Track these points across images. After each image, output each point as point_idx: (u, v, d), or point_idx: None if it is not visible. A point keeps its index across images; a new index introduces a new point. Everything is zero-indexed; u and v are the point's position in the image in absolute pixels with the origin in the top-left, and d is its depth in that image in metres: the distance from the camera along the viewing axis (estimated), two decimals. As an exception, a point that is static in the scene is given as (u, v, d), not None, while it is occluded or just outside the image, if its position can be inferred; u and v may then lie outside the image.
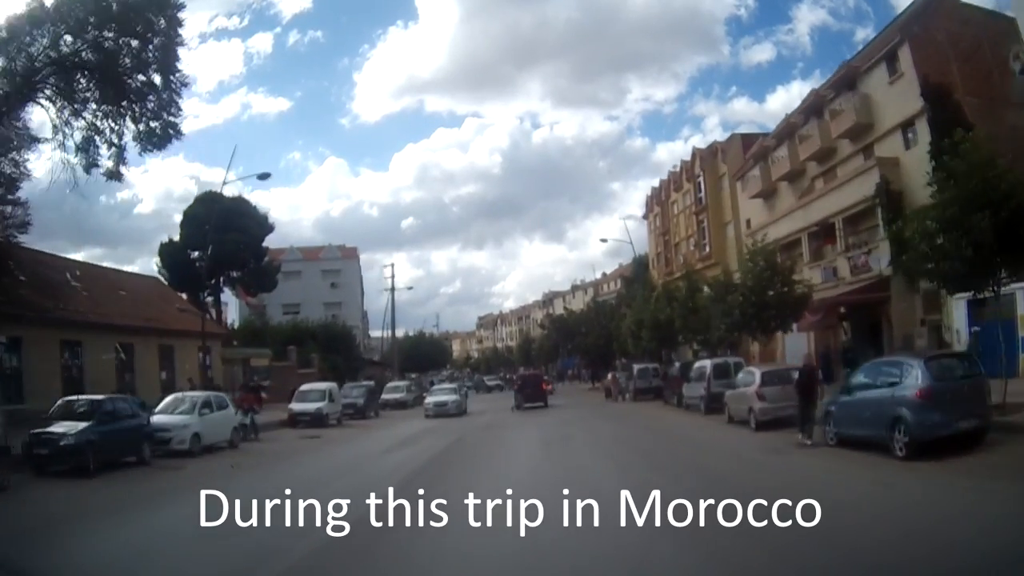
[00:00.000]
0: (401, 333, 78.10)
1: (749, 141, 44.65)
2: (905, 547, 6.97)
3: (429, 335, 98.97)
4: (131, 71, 21.72)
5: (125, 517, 10.66)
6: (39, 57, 20.67)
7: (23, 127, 21.43)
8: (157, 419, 18.51)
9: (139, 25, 21.20)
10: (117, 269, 37.86)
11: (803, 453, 14.06)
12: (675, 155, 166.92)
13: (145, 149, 22.60)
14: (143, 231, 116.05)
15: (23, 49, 20.58)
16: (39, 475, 14.43)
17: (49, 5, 20.59)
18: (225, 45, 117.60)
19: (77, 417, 15.47)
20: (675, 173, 55.04)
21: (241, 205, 45.76)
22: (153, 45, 21.86)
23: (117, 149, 22.35)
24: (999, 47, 24.77)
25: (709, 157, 48.48)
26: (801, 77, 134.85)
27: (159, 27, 21.64)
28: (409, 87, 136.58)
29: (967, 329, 21.20)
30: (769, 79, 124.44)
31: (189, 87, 23.89)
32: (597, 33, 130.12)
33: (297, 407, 28.87)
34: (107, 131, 22.07)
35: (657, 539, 6.99)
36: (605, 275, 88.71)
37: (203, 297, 42.64)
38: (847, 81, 29.87)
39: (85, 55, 21.05)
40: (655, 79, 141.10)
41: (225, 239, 40.56)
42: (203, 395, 21.26)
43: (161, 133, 22.42)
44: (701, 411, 24.15)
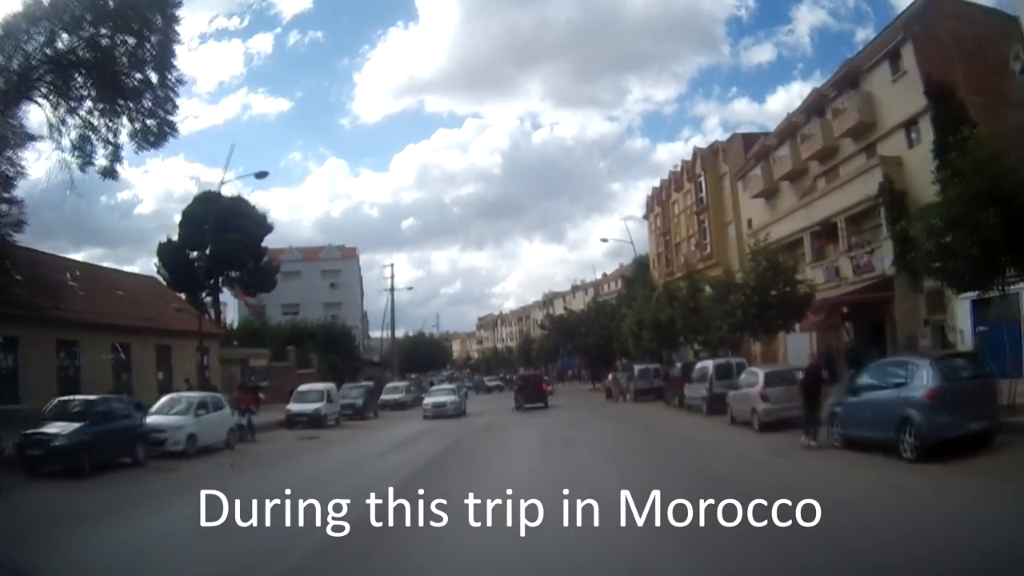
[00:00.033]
0: (401, 333, 78.21)
1: (750, 140, 44.45)
2: (908, 547, 6.91)
3: (429, 335, 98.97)
4: (127, 69, 21.53)
5: (123, 517, 10.63)
6: (35, 55, 20.50)
7: (19, 125, 21.27)
8: (152, 420, 18.38)
9: (136, 22, 21.03)
10: (115, 269, 37.86)
11: (808, 455, 13.88)
12: (675, 155, 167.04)
13: (141, 147, 22.40)
14: (143, 231, 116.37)
15: (19, 47, 20.42)
16: (32, 476, 14.31)
17: (46, 2, 20.43)
18: (225, 45, 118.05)
19: (71, 417, 15.35)
20: (676, 173, 54.88)
21: (240, 205, 45.76)
22: (150, 43, 21.67)
23: (113, 147, 22.18)
24: (1001, 46, 24.60)
25: (710, 157, 48.33)
26: (801, 78, 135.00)
27: (156, 24, 21.47)
28: (409, 87, 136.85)
29: (971, 329, 21.04)
30: (769, 80, 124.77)
31: (186, 85, 23.71)
32: (597, 33, 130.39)
33: (295, 408, 28.64)
34: (103, 129, 21.90)
35: (657, 539, 6.98)
36: (605, 275, 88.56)
37: (202, 297, 42.59)
38: (849, 80, 29.71)
39: (81, 53, 20.86)
40: (655, 79, 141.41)
41: (224, 239, 40.50)
42: (199, 396, 21.14)
43: (157, 131, 22.24)
44: (703, 412, 24.03)
